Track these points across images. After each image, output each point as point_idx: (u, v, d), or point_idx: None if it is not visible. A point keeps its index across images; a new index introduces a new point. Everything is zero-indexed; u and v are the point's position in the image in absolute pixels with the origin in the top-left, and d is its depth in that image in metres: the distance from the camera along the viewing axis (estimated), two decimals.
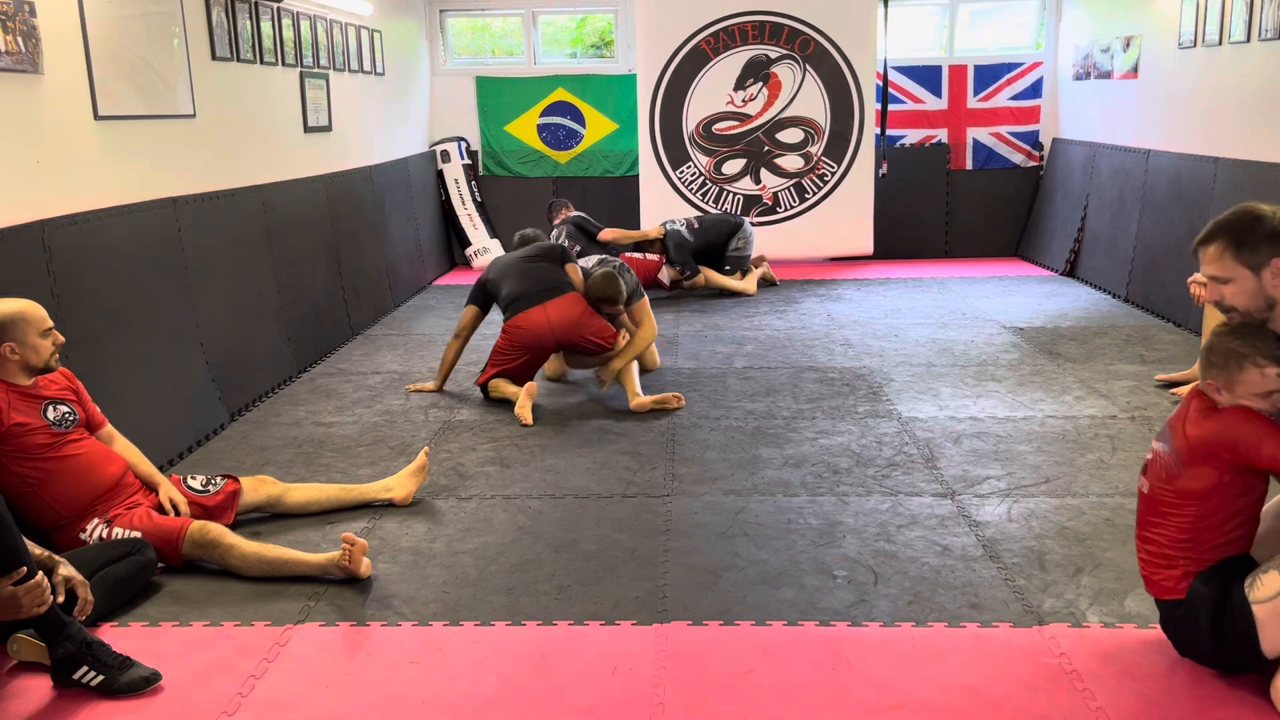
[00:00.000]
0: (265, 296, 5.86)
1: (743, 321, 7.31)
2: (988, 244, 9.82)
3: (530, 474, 4.44)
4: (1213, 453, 2.63)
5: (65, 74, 4.22)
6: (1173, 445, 2.73)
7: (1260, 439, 2.57)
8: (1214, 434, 2.63)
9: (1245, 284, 2.59)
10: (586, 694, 2.81)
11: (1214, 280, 2.65)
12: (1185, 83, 7.11)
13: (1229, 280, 2.61)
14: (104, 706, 2.79)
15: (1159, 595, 2.80)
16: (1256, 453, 2.57)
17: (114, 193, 4.53)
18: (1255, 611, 2.56)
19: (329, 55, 7.10)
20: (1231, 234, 2.60)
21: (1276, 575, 2.55)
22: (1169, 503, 2.73)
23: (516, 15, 9.91)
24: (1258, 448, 2.57)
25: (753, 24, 9.04)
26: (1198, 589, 2.67)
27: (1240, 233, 2.59)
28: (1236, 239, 2.59)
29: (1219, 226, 2.64)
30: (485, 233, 9.82)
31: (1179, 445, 2.70)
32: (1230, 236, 2.60)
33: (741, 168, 9.30)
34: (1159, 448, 2.79)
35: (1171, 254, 7.06)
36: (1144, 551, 2.83)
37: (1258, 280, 2.58)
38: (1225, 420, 2.64)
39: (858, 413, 5.17)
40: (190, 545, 3.51)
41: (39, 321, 3.40)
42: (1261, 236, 2.56)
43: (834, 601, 3.27)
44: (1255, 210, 2.61)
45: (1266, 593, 2.54)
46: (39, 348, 3.40)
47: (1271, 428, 2.59)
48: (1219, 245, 2.62)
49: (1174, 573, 2.73)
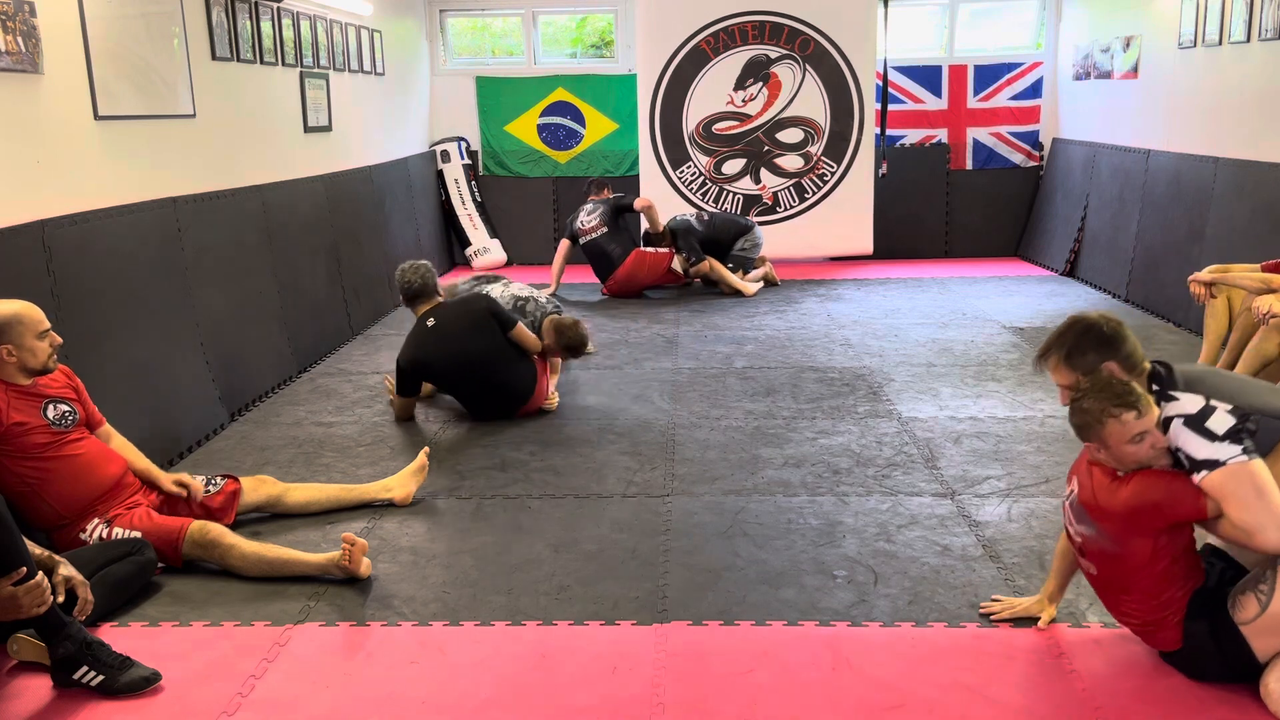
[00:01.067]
0: (265, 296, 5.86)
1: (743, 321, 7.31)
2: (988, 244, 9.82)
3: (530, 474, 4.44)
4: (1139, 522, 2.68)
5: (65, 74, 4.22)
6: (1098, 528, 2.77)
7: (1176, 497, 2.64)
8: (1133, 504, 2.67)
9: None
10: (586, 694, 2.81)
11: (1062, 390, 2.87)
12: (1185, 83, 7.11)
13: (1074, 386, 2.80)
14: (104, 706, 2.80)
15: (1160, 649, 2.84)
16: (1177, 511, 2.65)
17: (114, 193, 4.53)
18: (1244, 631, 2.63)
19: (329, 55, 7.10)
20: (1061, 348, 2.83)
21: (1252, 598, 2.62)
22: (1123, 579, 2.78)
23: (516, 15, 9.91)
24: (1176, 507, 2.64)
25: (753, 24, 9.04)
26: (1192, 629, 2.73)
27: (1066, 346, 2.83)
28: (1066, 353, 2.83)
29: (1052, 340, 2.87)
30: (485, 233, 9.82)
31: (1105, 526, 2.75)
32: (1061, 350, 2.83)
33: (741, 167, 9.30)
34: (1085, 531, 2.83)
35: (1171, 254, 7.06)
36: (1126, 622, 2.87)
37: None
38: (1135, 489, 2.68)
39: (858, 413, 5.17)
40: (190, 545, 3.51)
41: (35, 324, 3.39)
42: (1086, 347, 2.80)
43: (834, 601, 3.28)
44: (1080, 319, 2.87)
45: (1249, 614, 2.62)
46: (36, 350, 3.39)
47: (1178, 481, 2.65)
48: (1055, 359, 2.85)
49: (1167, 631, 2.76)
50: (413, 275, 5.13)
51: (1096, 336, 2.80)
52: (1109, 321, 2.84)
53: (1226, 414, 2.61)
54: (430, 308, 5.12)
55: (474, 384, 5.09)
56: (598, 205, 8.25)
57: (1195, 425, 2.61)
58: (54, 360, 3.46)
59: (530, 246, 9.86)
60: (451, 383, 5.17)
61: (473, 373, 5.05)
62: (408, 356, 5.03)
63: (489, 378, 5.06)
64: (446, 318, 5.08)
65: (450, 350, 5.00)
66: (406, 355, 5.03)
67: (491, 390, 5.10)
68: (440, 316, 5.08)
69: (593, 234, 8.12)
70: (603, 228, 8.09)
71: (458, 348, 5.00)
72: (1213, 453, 2.58)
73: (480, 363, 5.03)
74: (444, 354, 5.01)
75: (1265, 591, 2.59)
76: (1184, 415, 2.64)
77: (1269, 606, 2.57)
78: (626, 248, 8.11)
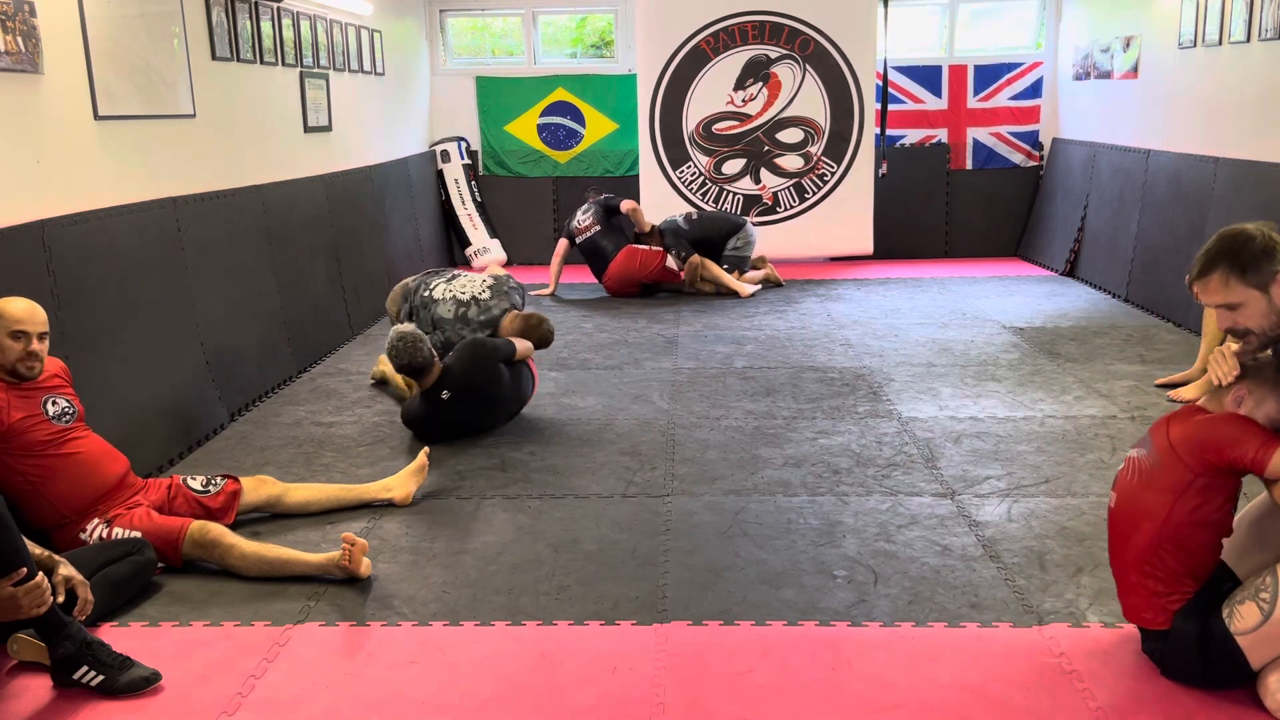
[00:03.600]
0: (265, 296, 5.86)
1: (743, 321, 7.31)
2: (988, 244, 9.82)
3: (530, 474, 4.44)
4: (1193, 448, 2.62)
5: (65, 74, 4.22)
6: (1153, 446, 2.74)
7: (1244, 438, 2.57)
8: (1201, 428, 2.64)
9: (1256, 305, 2.59)
10: (586, 694, 2.81)
11: (1223, 309, 2.63)
12: (1185, 83, 7.11)
13: (1240, 304, 2.60)
14: (104, 706, 2.80)
15: (1141, 624, 2.82)
16: (1237, 451, 2.56)
17: (114, 193, 4.53)
18: (1240, 641, 2.60)
19: (329, 55, 7.10)
20: (1231, 259, 2.60)
21: (1253, 606, 2.59)
22: (1135, 514, 2.75)
23: (516, 15, 9.91)
24: (1238, 447, 2.56)
25: (753, 24, 9.04)
26: (1180, 626, 2.71)
27: (1239, 256, 2.58)
28: (1239, 263, 2.58)
29: (1215, 254, 2.63)
30: (485, 233, 9.82)
31: (1158, 441, 2.72)
32: (1230, 262, 2.60)
33: (741, 168, 9.30)
34: (1135, 454, 2.81)
35: (1171, 254, 7.06)
36: (1120, 576, 2.85)
37: (1267, 298, 2.58)
38: (1213, 418, 2.65)
39: (858, 413, 5.17)
40: (190, 545, 3.51)
41: (12, 321, 3.34)
42: (1259, 254, 2.57)
43: (834, 601, 3.28)
44: (1243, 231, 2.62)
45: (1247, 625, 2.58)
46: (5, 348, 3.34)
47: (1254, 427, 2.60)
48: (1221, 273, 2.61)
49: (1155, 601, 2.74)
50: (409, 355, 4.65)
51: (1264, 246, 2.56)
52: (1264, 233, 2.60)
53: None
54: (437, 379, 4.73)
55: (494, 419, 5.02)
56: (592, 205, 8.36)
57: None
58: (27, 366, 3.37)
59: (530, 246, 9.86)
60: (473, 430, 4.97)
61: (493, 416, 4.99)
62: (422, 426, 4.81)
63: (507, 410, 5.05)
64: (460, 387, 4.73)
65: (470, 418, 4.86)
66: (421, 425, 4.81)
67: (509, 416, 5.10)
68: (454, 387, 4.72)
69: (587, 232, 8.23)
70: (596, 226, 8.21)
71: (475, 415, 4.87)
72: None
73: (498, 404, 4.96)
74: (465, 421, 4.84)
75: (1267, 600, 2.56)
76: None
77: (1272, 614, 2.54)
78: (619, 244, 8.20)
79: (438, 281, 5.64)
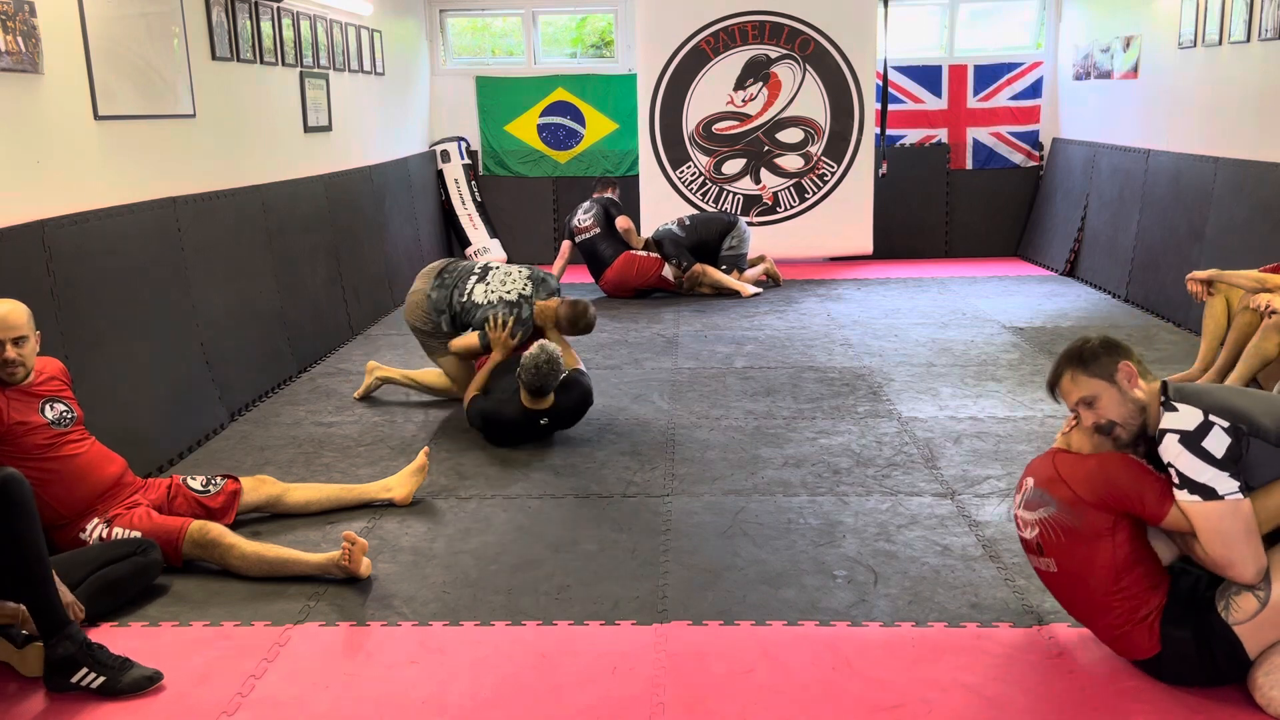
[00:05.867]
0: (265, 296, 5.86)
1: (743, 321, 7.31)
2: (988, 244, 9.82)
3: (530, 474, 4.44)
4: (1097, 491, 2.70)
5: (65, 74, 4.22)
6: (1056, 501, 2.77)
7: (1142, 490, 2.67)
8: (1097, 475, 2.71)
9: (1109, 395, 2.74)
10: (586, 694, 2.81)
11: (1083, 407, 2.79)
12: (1185, 83, 7.11)
13: (1094, 397, 2.76)
14: (104, 707, 2.80)
15: (1136, 658, 2.81)
16: (1137, 502, 2.67)
17: (114, 193, 4.53)
18: (1238, 631, 2.63)
19: (329, 55, 7.10)
20: (1073, 359, 2.79)
21: (1250, 595, 2.61)
22: (1083, 567, 2.75)
23: (516, 15, 9.91)
24: (1138, 499, 2.67)
25: (753, 24, 9.04)
26: (1173, 634, 2.70)
27: (1080, 355, 2.78)
28: (1080, 360, 2.78)
29: (1059, 361, 2.84)
30: (485, 233, 9.82)
31: (1062, 496, 2.75)
32: (1073, 362, 2.79)
33: (741, 168, 9.30)
34: (1042, 514, 2.82)
35: (1171, 254, 7.06)
36: (1095, 625, 2.85)
37: (1116, 388, 2.74)
38: (1103, 461, 2.74)
39: (858, 413, 5.17)
40: (190, 545, 3.51)
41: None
42: (1097, 350, 2.77)
43: (834, 601, 3.28)
44: (1083, 337, 2.85)
45: (1245, 614, 2.62)
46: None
47: (1150, 478, 2.69)
48: (1069, 373, 2.79)
49: (1140, 637, 2.74)
50: (551, 378, 4.63)
51: (1102, 344, 2.81)
52: (1102, 336, 2.88)
53: (1224, 433, 2.60)
54: (548, 407, 4.75)
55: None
56: (594, 204, 8.33)
57: (1192, 444, 2.61)
58: (8, 373, 3.32)
59: (530, 246, 9.86)
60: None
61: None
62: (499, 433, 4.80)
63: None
64: (559, 420, 4.83)
65: (545, 436, 4.90)
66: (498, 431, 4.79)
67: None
68: (555, 419, 4.80)
69: (587, 233, 8.23)
70: (596, 228, 8.20)
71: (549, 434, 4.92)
72: (1212, 481, 2.58)
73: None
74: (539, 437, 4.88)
75: (1262, 586, 2.59)
76: (1180, 431, 2.63)
77: (1269, 600, 2.57)
78: (617, 249, 8.19)
79: (471, 284, 5.18)
